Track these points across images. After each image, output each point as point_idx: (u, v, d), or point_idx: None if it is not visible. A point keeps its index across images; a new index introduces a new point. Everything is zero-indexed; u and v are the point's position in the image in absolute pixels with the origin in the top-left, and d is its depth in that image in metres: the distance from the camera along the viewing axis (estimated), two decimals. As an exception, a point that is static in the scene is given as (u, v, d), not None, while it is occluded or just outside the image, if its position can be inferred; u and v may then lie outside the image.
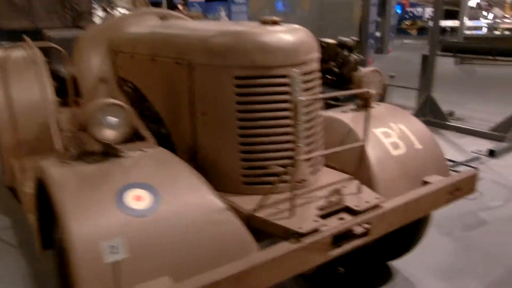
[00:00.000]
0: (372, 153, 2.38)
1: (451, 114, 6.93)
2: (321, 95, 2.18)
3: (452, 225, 3.66)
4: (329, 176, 2.37)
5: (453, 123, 6.49)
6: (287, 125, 2.11)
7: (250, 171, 2.14)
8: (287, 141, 2.13)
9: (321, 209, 1.98)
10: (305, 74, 2.15)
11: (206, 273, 1.62)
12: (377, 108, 2.80)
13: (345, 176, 2.36)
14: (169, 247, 1.69)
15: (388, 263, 3.13)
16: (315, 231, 1.85)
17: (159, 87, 2.52)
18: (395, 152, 2.47)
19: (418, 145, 2.59)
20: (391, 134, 2.57)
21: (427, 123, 6.57)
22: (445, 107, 6.69)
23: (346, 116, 2.63)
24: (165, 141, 2.43)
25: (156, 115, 2.60)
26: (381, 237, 2.13)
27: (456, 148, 5.64)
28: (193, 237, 1.74)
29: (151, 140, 2.09)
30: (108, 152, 1.91)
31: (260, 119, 2.08)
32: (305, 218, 1.92)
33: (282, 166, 2.10)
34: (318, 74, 2.28)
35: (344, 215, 2.01)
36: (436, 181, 2.43)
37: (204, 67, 2.13)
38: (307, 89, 2.16)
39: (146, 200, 1.75)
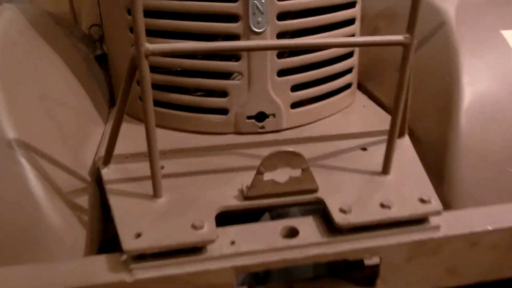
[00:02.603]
0: (469, 83, 0.97)
1: None
2: None
3: None
4: (352, 117, 1.06)
5: None
6: None
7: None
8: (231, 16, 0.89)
9: (248, 197, 0.76)
10: None
11: None
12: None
13: (382, 126, 1.01)
14: None
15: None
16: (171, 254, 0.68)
17: None
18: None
19: None
20: (548, 46, 1.05)
21: None
22: None
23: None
24: None
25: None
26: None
27: None
28: None
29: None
30: None
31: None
32: (193, 213, 0.73)
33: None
34: None
35: (310, 224, 0.75)
36: None
37: None
38: None
39: None
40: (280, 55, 0.93)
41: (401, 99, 0.78)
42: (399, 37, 0.72)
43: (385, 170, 0.83)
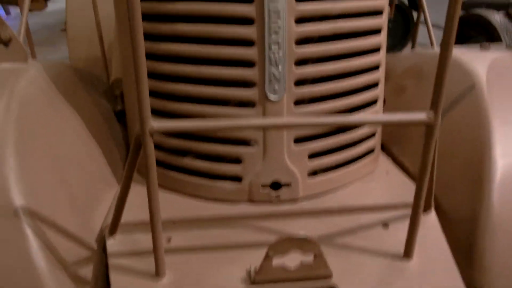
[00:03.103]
0: (502, 154, 0.90)
1: None
2: None
3: None
4: (374, 186, 1.00)
5: None
6: (246, 63, 0.83)
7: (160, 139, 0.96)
8: (243, 83, 0.86)
9: (255, 281, 0.71)
10: None
11: None
12: None
13: (405, 198, 0.94)
14: None
15: None
16: None
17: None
18: None
19: None
20: None
21: None
22: None
23: (480, 58, 1.13)
24: None
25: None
26: None
27: None
28: None
29: (19, 46, 1.08)
30: None
31: (178, 38, 0.85)
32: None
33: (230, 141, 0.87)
34: None
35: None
36: None
37: None
38: None
39: None
40: (297, 122, 0.89)
41: (425, 178, 0.72)
42: (421, 115, 0.66)
43: (408, 252, 0.76)
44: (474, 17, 3.37)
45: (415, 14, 2.02)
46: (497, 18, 3.27)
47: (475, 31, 3.38)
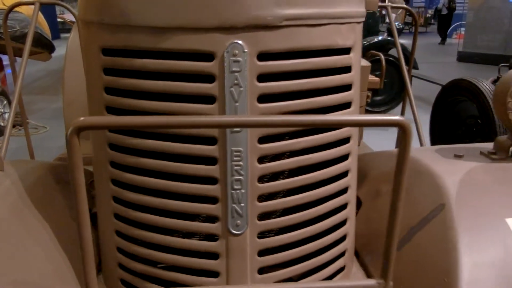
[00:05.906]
0: (469, 283, 0.89)
1: None
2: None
3: None
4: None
5: None
6: (209, 199, 0.85)
7: (126, 260, 0.96)
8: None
9: None
10: (267, 54, 0.81)
11: None
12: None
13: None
14: None
15: None
16: None
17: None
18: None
19: None
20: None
21: None
22: None
23: (452, 171, 1.13)
24: None
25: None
26: None
27: None
28: None
29: None
30: None
31: (147, 153, 0.87)
32: None
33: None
34: (328, 62, 0.88)
35: None
36: None
37: (82, 25, 0.99)
38: (275, 95, 0.83)
39: None
40: (262, 253, 0.89)
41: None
42: (371, 282, 0.66)
43: None
44: (464, 82, 3.43)
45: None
46: (486, 85, 3.33)
47: (465, 97, 3.43)
